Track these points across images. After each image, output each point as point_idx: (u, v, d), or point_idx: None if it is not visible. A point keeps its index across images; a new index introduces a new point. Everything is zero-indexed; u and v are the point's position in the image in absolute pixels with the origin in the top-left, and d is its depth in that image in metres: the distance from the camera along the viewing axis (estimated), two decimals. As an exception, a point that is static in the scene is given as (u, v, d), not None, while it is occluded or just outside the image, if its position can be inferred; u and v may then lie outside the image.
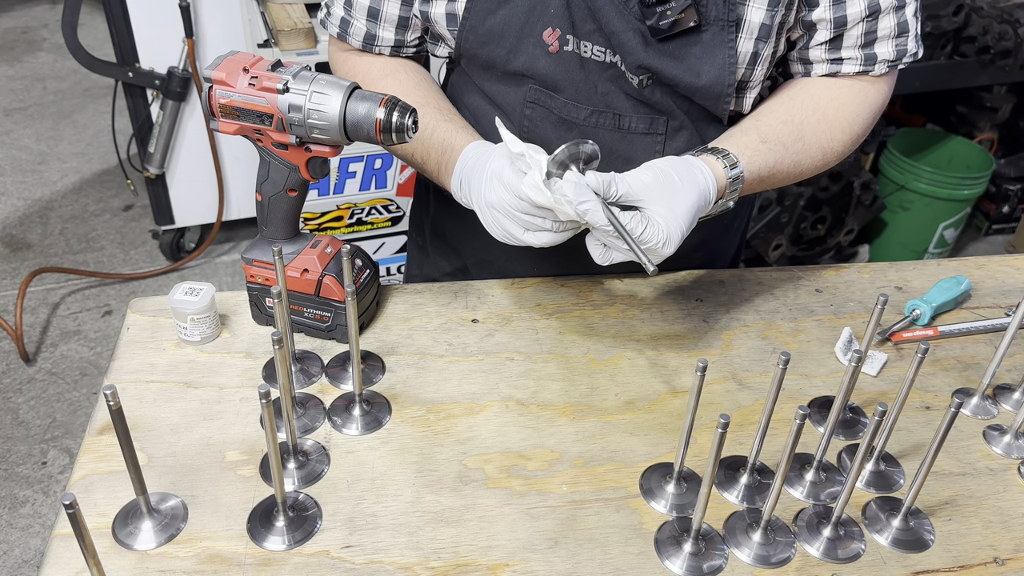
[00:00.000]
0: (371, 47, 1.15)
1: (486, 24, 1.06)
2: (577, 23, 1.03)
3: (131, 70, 2.69)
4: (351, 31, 1.14)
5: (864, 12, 1.04)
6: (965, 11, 2.77)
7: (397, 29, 1.12)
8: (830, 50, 1.08)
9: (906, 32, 1.07)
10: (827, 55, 1.09)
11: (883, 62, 1.09)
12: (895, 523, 0.87)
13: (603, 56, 1.05)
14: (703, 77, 1.03)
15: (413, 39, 1.15)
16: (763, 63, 1.06)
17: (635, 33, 1.01)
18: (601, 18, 1.02)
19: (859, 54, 1.08)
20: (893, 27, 1.06)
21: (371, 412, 0.97)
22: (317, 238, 1.06)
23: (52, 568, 0.79)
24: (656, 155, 1.12)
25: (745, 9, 1.01)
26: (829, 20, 1.05)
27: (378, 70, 1.14)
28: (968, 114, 3.27)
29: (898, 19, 1.06)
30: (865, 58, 1.08)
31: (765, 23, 1.01)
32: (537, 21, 1.04)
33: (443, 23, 1.09)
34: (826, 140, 1.09)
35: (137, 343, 1.05)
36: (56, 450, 2.39)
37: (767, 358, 1.09)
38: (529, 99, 1.10)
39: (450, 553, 0.82)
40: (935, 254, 3.17)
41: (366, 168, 2.50)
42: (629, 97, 1.08)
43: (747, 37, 1.02)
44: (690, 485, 0.90)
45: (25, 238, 3.20)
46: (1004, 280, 1.29)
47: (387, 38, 1.13)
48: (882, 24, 1.05)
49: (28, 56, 4.49)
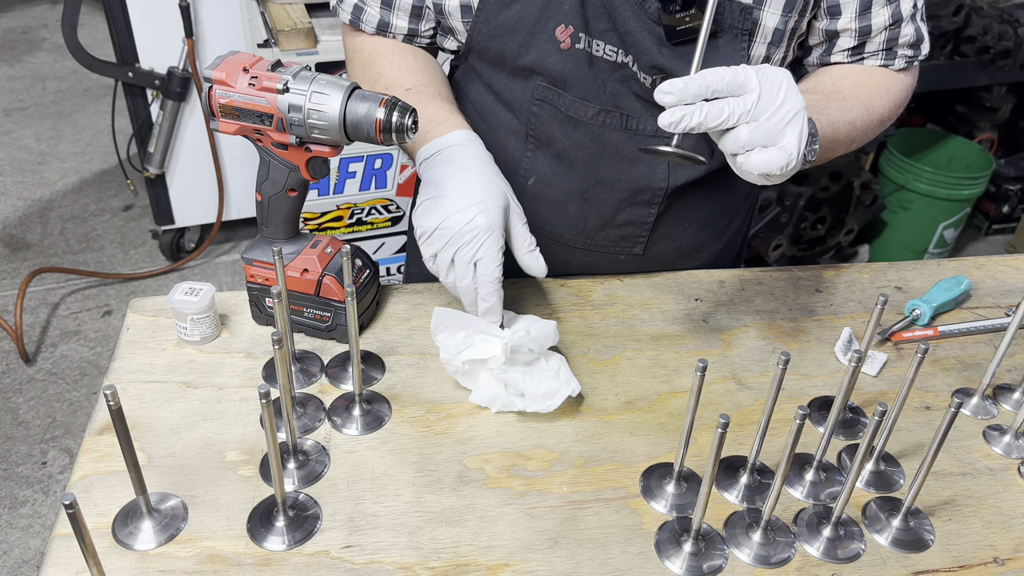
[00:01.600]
0: (385, 34, 1.15)
1: (500, 17, 1.06)
2: (591, 21, 1.04)
3: (131, 70, 2.69)
4: (364, 18, 1.14)
5: (888, 21, 1.09)
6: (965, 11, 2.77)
7: (411, 18, 1.13)
8: (852, 54, 1.14)
9: (922, 38, 1.14)
10: (849, 59, 1.14)
11: (902, 58, 1.15)
12: (895, 523, 0.87)
13: (615, 56, 1.05)
14: None
15: (427, 29, 1.15)
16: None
17: (650, 34, 1.01)
18: (616, 17, 1.02)
19: (881, 54, 1.14)
20: (912, 33, 1.12)
21: (371, 412, 0.97)
22: (317, 238, 1.06)
23: (52, 568, 0.79)
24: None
25: (760, 14, 1.02)
26: (854, 30, 1.10)
27: (387, 47, 1.15)
28: (968, 114, 3.27)
29: (916, 25, 1.12)
30: (886, 55, 1.15)
31: (779, 28, 1.03)
32: (551, 17, 1.04)
33: (457, 15, 1.09)
34: (864, 96, 1.11)
35: (137, 343, 1.05)
36: (56, 450, 2.39)
37: (767, 358, 1.09)
38: (537, 96, 1.11)
39: (450, 553, 0.82)
40: (935, 254, 3.17)
41: (366, 168, 2.50)
42: (639, 98, 1.08)
43: (760, 42, 1.03)
44: (690, 485, 0.90)
45: (25, 238, 3.20)
46: (1004, 280, 1.29)
47: (400, 26, 1.14)
48: (904, 31, 1.11)
49: (28, 56, 4.49)
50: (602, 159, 1.13)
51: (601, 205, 1.17)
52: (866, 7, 1.08)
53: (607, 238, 1.21)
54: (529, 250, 1.00)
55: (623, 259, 1.23)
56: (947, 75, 2.87)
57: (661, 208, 1.18)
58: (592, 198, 1.17)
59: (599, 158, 1.12)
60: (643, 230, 1.20)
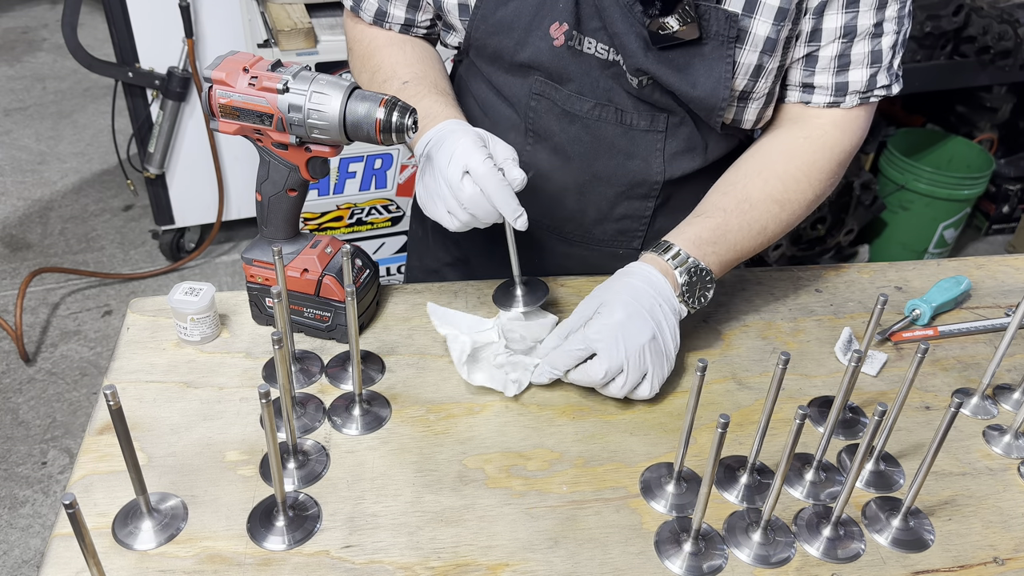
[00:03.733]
0: (382, 23, 1.18)
1: (496, 15, 1.08)
2: (583, 20, 1.05)
3: (131, 70, 2.69)
4: (364, 6, 1.18)
5: (839, 32, 1.03)
6: (965, 11, 2.77)
7: (408, 8, 1.16)
8: (804, 70, 1.08)
9: (879, 63, 1.06)
10: (801, 77, 1.08)
11: (854, 93, 1.07)
12: (895, 523, 0.87)
13: (606, 54, 1.06)
14: (699, 88, 1.04)
15: (424, 20, 1.18)
16: (767, 76, 1.06)
17: (637, 37, 1.02)
18: (606, 18, 1.03)
19: (831, 82, 1.07)
20: (867, 55, 1.05)
21: (371, 412, 0.97)
22: (317, 238, 1.06)
23: (52, 568, 0.79)
24: (657, 152, 1.13)
25: (751, 23, 1.02)
26: (806, 33, 1.04)
27: (385, 38, 1.19)
28: (968, 114, 3.27)
29: (872, 47, 1.04)
30: (836, 87, 1.07)
31: (770, 37, 1.02)
32: (546, 15, 1.06)
33: (455, 12, 1.11)
34: (779, 193, 1.07)
35: (137, 343, 1.05)
36: (56, 450, 2.39)
37: (767, 358, 1.09)
38: (535, 91, 1.12)
39: (450, 553, 0.82)
40: (935, 254, 3.17)
41: (366, 168, 2.50)
42: (630, 95, 1.09)
43: (752, 50, 1.03)
44: (690, 485, 0.90)
45: (25, 238, 3.20)
46: (1004, 280, 1.29)
47: (397, 15, 1.17)
48: (856, 49, 1.04)
49: (28, 56, 4.49)
50: (598, 153, 1.14)
51: (598, 199, 1.18)
52: (844, 66, 1.05)
53: (605, 232, 1.21)
54: (507, 158, 0.99)
55: (622, 254, 1.23)
56: (947, 75, 2.87)
57: (658, 202, 1.18)
58: (589, 192, 1.18)
59: (595, 152, 1.14)
60: (641, 224, 1.20)
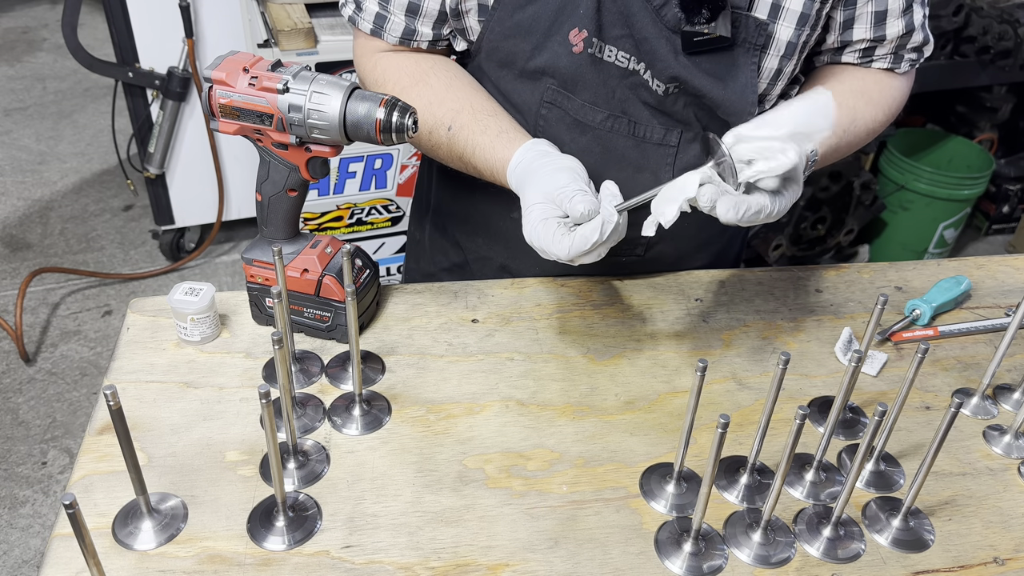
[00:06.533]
0: (409, 42, 1.12)
1: (514, 18, 1.05)
2: (605, 27, 1.03)
3: (131, 70, 2.69)
4: (388, 27, 1.10)
5: (902, 31, 1.12)
6: (965, 11, 2.77)
7: (435, 24, 1.10)
8: (862, 55, 1.17)
9: (928, 41, 1.18)
10: (859, 59, 1.17)
11: (907, 61, 1.18)
12: (895, 523, 0.87)
13: (627, 63, 1.05)
14: (729, 92, 1.05)
15: (448, 32, 1.13)
16: (783, 79, 1.09)
17: (667, 42, 1.01)
18: (634, 24, 1.01)
19: (889, 58, 1.18)
20: (920, 39, 1.16)
21: (371, 412, 0.97)
22: (317, 238, 1.06)
23: (52, 568, 0.79)
24: (667, 167, 1.12)
25: (775, 28, 1.03)
26: (868, 39, 1.13)
27: (408, 77, 1.11)
28: (968, 114, 3.27)
29: (925, 33, 1.16)
30: (893, 59, 1.18)
31: (792, 41, 1.04)
32: (566, 20, 1.03)
33: (475, 13, 1.07)
34: (870, 119, 1.16)
35: (137, 343, 1.05)
36: (56, 450, 2.39)
37: (767, 358, 1.09)
38: (546, 99, 1.10)
39: (450, 553, 0.82)
40: (935, 254, 3.17)
41: (366, 168, 2.50)
42: (647, 106, 1.08)
43: (774, 55, 1.05)
44: (690, 485, 0.90)
45: (25, 238, 3.20)
46: (1004, 280, 1.29)
47: (425, 33, 1.11)
48: (914, 38, 1.15)
49: (28, 56, 4.49)
50: (608, 165, 1.12)
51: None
52: (881, 19, 1.11)
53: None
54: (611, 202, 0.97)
55: (624, 260, 1.23)
56: (947, 75, 2.87)
57: None
58: None
59: (605, 164, 1.12)
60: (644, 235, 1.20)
